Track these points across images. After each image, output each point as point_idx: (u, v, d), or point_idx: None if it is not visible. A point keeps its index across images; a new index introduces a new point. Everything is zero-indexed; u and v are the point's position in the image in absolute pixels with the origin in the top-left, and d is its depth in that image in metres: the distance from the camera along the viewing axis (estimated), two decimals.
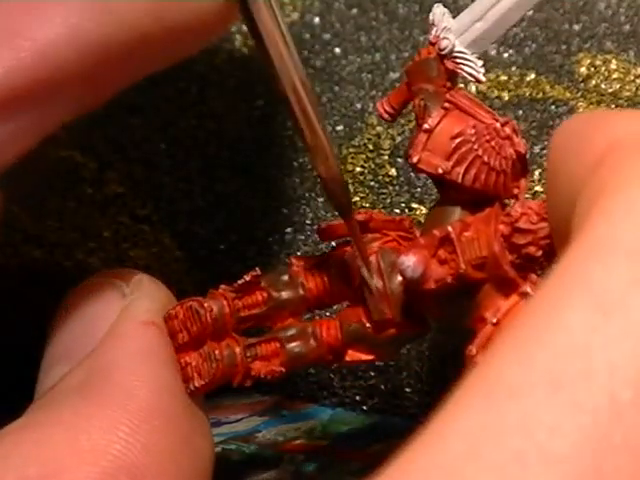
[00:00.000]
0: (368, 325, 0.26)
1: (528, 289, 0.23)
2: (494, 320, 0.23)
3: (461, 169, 0.25)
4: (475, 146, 0.25)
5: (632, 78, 0.40)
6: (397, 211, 0.36)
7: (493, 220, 0.24)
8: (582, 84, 0.40)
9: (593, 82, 0.39)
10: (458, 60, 0.26)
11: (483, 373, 0.17)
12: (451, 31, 0.26)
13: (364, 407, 0.33)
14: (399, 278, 0.25)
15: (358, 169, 0.38)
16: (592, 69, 0.40)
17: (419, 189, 0.37)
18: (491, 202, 0.25)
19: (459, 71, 0.26)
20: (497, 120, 0.25)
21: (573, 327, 0.16)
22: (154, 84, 0.42)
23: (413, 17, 0.43)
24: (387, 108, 0.28)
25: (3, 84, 0.22)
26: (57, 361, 0.25)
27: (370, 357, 0.26)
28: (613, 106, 0.39)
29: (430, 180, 0.37)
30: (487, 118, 0.25)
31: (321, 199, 0.37)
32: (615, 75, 0.40)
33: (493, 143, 0.25)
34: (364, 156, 0.38)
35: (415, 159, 0.25)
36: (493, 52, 0.42)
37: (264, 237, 0.36)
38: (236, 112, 0.41)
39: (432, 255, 0.24)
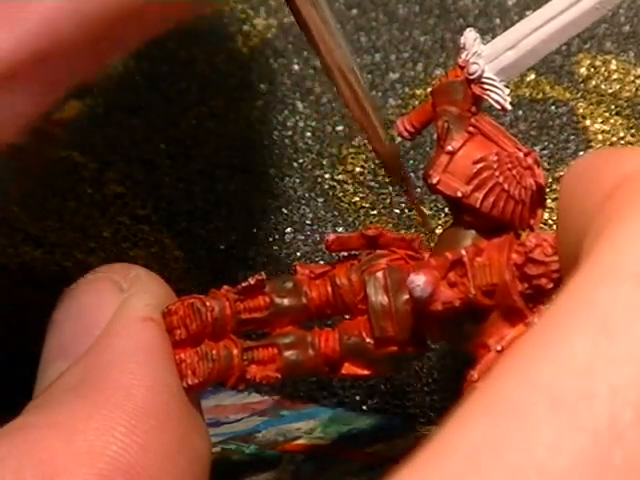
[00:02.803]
0: (368, 340, 0.26)
1: (536, 320, 0.23)
2: (498, 348, 0.24)
3: (480, 195, 0.25)
4: (496, 173, 0.25)
5: (632, 78, 0.40)
6: (397, 211, 0.36)
7: (507, 248, 0.24)
8: (582, 84, 0.40)
9: (593, 82, 0.39)
10: (486, 86, 0.26)
11: (485, 390, 0.17)
12: (481, 56, 0.26)
13: (364, 407, 0.33)
14: (405, 296, 0.25)
15: (358, 169, 0.38)
16: (592, 69, 0.40)
17: (419, 189, 0.37)
18: (505, 230, 0.25)
19: (485, 97, 0.26)
20: (520, 149, 0.25)
21: (577, 348, 0.16)
22: (154, 84, 0.42)
23: (413, 18, 0.43)
24: (407, 126, 0.27)
25: (13, 56, 0.22)
26: (55, 358, 0.25)
27: (366, 372, 0.26)
28: (613, 106, 0.39)
29: None
30: (510, 146, 0.26)
31: (321, 199, 0.37)
32: (615, 75, 0.40)
33: (514, 172, 0.25)
34: (364, 156, 0.38)
35: (435, 180, 0.25)
36: None
37: (264, 237, 0.36)
38: (236, 112, 0.41)
39: (442, 277, 0.24)
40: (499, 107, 0.26)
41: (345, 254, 0.28)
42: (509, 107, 0.26)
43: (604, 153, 0.21)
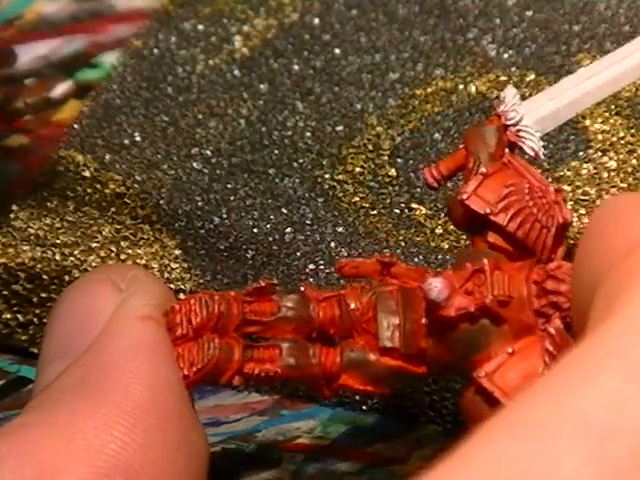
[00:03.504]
0: (371, 355, 0.26)
1: (551, 329, 0.23)
2: (510, 350, 0.24)
3: (508, 214, 0.26)
4: (526, 197, 0.26)
5: None
6: (397, 211, 0.36)
7: (527, 270, 0.24)
8: None
9: None
10: (521, 133, 0.27)
11: (514, 408, 0.17)
12: (520, 106, 0.27)
13: (364, 407, 0.33)
14: (414, 315, 0.26)
15: (358, 169, 0.38)
16: None
17: (419, 189, 0.37)
18: (526, 257, 0.25)
19: (520, 144, 0.27)
20: (550, 186, 0.26)
21: (608, 387, 0.17)
22: (154, 84, 0.42)
23: (413, 18, 0.44)
24: (435, 174, 0.28)
25: None
26: (53, 358, 0.25)
27: (361, 387, 0.26)
28: (613, 106, 0.39)
29: None
30: (541, 184, 0.26)
31: (321, 199, 0.37)
32: None
33: (544, 201, 0.26)
34: (364, 156, 0.38)
35: (465, 196, 0.26)
36: (493, 52, 0.42)
37: (264, 237, 0.36)
38: (236, 112, 0.41)
39: (460, 286, 0.24)
40: (533, 154, 0.27)
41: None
42: (543, 157, 0.27)
43: (632, 201, 0.22)
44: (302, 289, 0.27)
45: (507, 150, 0.27)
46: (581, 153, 0.37)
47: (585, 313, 0.20)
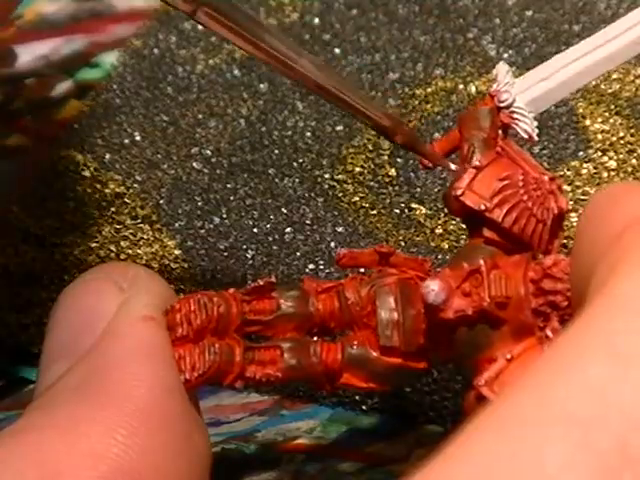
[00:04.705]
0: (372, 352, 0.26)
1: (549, 332, 0.23)
2: (508, 356, 0.24)
3: (503, 210, 0.25)
4: (521, 191, 0.26)
5: (632, 78, 0.40)
6: (397, 211, 0.36)
7: (523, 267, 0.24)
8: None
9: (593, 82, 0.39)
10: (515, 115, 0.27)
11: (500, 404, 0.17)
12: (512, 86, 0.27)
13: (364, 407, 0.33)
14: (413, 311, 0.26)
15: (358, 169, 0.38)
16: None
17: (419, 189, 0.37)
18: (523, 251, 0.25)
19: (514, 126, 0.27)
20: (545, 174, 0.26)
21: (592, 373, 0.17)
22: (154, 84, 0.42)
23: (413, 17, 0.44)
24: None
25: None
26: (56, 358, 0.25)
27: (364, 385, 0.26)
28: (613, 106, 0.39)
29: (429, 180, 0.37)
30: (536, 171, 0.26)
31: (321, 199, 0.37)
32: (615, 75, 0.40)
33: (539, 193, 0.26)
34: (364, 156, 0.38)
35: (459, 192, 0.26)
36: (493, 52, 0.42)
37: (264, 237, 0.36)
38: (236, 112, 0.41)
39: (457, 287, 0.24)
40: (527, 136, 0.27)
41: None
42: (536, 138, 0.27)
43: (623, 188, 0.22)
44: (301, 283, 0.27)
45: (500, 133, 0.27)
46: (581, 153, 0.37)
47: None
